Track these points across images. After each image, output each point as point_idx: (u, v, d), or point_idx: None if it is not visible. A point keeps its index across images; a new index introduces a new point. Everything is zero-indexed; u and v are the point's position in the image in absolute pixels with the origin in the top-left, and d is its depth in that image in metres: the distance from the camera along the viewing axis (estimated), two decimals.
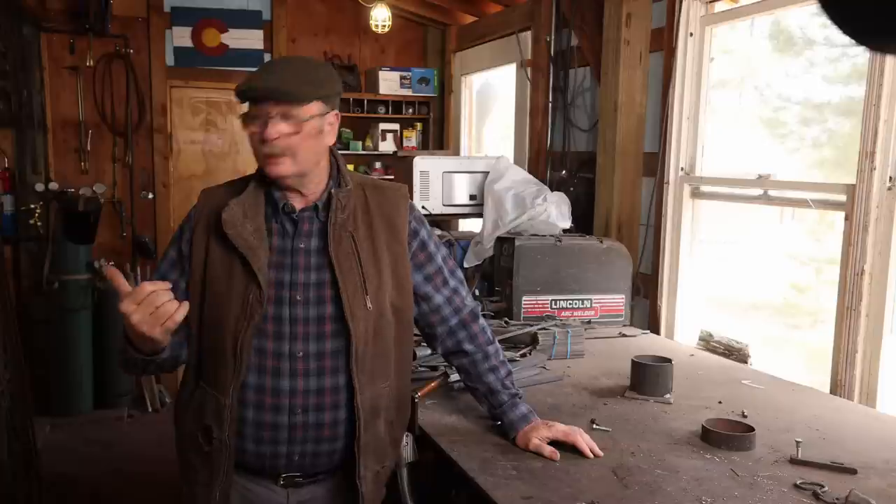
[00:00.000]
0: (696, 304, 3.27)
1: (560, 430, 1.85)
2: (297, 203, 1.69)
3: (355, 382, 1.65)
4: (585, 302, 3.19)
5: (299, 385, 1.64)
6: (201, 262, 1.67)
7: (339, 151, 6.85)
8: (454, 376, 2.33)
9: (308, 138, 1.61)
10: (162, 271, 1.73)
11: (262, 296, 1.61)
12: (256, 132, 1.61)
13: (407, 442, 1.92)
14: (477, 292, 3.37)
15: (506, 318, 3.01)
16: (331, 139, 1.69)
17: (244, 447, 1.67)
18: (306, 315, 1.64)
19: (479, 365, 1.93)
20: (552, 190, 3.60)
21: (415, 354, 2.53)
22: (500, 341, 2.66)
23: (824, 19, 0.84)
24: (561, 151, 4.11)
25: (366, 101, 6.09)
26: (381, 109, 6.14)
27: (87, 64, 5.38)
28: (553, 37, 4.16)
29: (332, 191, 1.70)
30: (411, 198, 3.64)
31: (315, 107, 1.62)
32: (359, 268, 1.67)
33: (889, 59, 2.26)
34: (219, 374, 1.64)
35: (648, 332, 3.19)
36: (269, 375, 1.64)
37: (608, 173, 3.53)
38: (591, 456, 1.81)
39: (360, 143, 6.14)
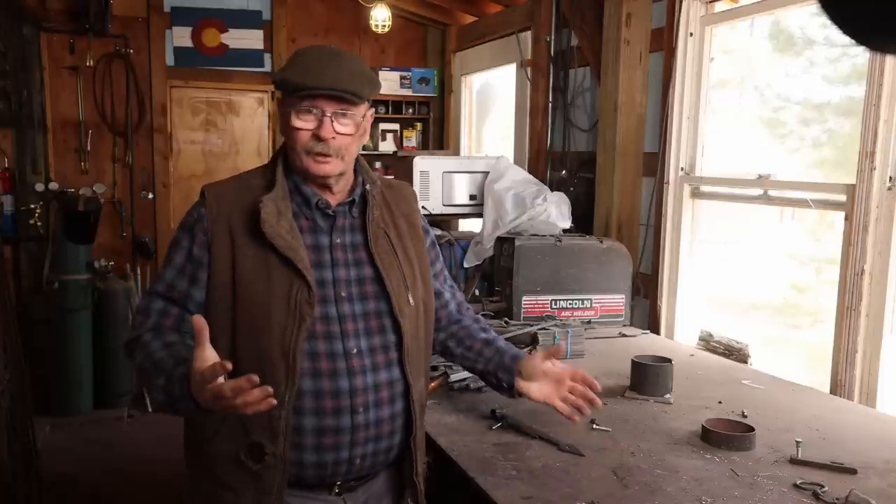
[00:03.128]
0: (696, 304, 3.26)
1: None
2: (329, 199, 1.65)
3: (409, 378, 1.64)
4: (585, 302, 3.19)
5: (358, 383, 1.57)
6: (228, 265, 1.56)
7: None
8: (454, 376, 2.33)
9: (358, 138, 1.61)
10: (168, 279, 1.61)
11: (312, 296, 1.53)
12: (308, 129, 1.56)
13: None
14: (477, 292, 3.37)
15: (506, 318, 3.01)
16: (367, 137, 1.71)
17: (303, 459, 1.56)
18: (353, 311, 1.60)
19: (472, 328, 1.93)
20: (552, 190, 3.60)
21: None
22: None
23: (824, 19, 0.84)
24: (561, 151, 4.11)
25: None
26: (381, 109, 6.14)
27: (87, 64, 5.39)
28: (553, 37, 4.17)
29: (368, 187, 1.68)
30: None
31: (365, 106, 1.62)
32: (399, 264, 1.67)
33: (889, 59, 2.26)
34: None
35: (648, 332, 3.19)
36: (327, 378, 1.55)
37: (608, 173, 3.53)
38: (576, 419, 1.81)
39: None
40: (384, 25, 5.48)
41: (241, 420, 1.51)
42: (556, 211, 3.39)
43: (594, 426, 2.02)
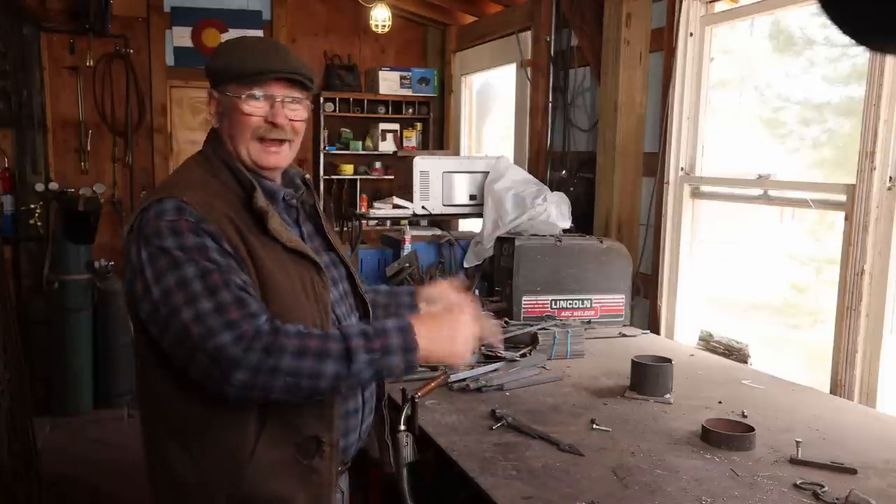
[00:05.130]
0: (696, 304, 3.26)
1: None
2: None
3: None
4: (585, 302, 3.19)
5: None
6: (249, 261, 1.45)
7: (340, 152, 6.78)
8: (454, 376, 2.33)
9: (304, 126, 1.61)
10: (238, 280, 1.39)
11: (327, 283, 1.53)
12: (259, 114, 1.51)
13: (407, 442, 1.92)
14: (477, 292, 3.37)
15: (506, 318, 3.01)
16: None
17: (339, 444, 1.55)
18: (334, 297, 1.62)
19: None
20: (552, 190, 3.60)
21: None
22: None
23: (824, 19, 0.84)
24: (561, 151, 4.11)
25: (366, 101, 6.09)
26: (381, 109, 6.14)
27: (87, 64, 5.39)
28: (553, 37, 4.16)
29: (307, 176, 1.71)
30: (410, 198, 3.66)
31: (309, 97, 1.61)
32: (341, 244, 1.73)
33: (889, 59, 2.26)
34: None
35: (648, 332, 3.19)
36: None
37: (608, 173, 3.53)
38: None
39: (360, 143, 6.14)
40: (384, 25, 5.47)
41: (288, 419, 1.45)
42: (556, 211, 3.39)
43: (594, 426, 2.02)
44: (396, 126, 6.15)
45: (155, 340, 1.42)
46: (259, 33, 5.77)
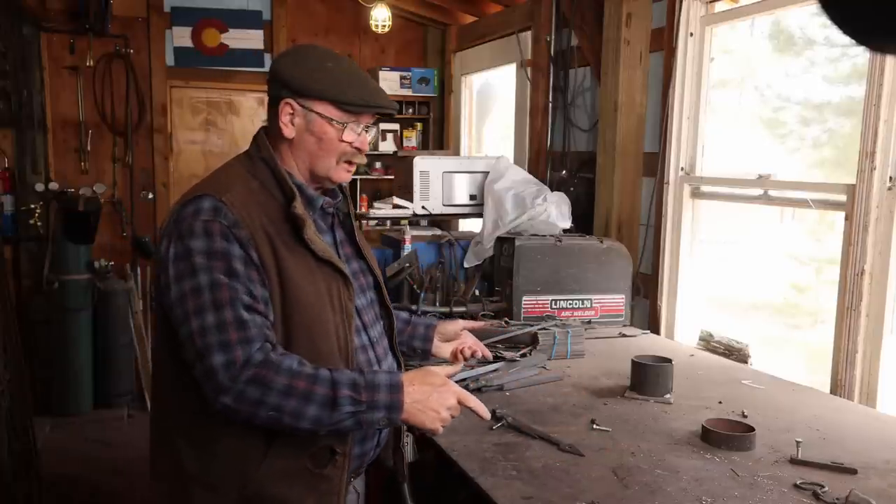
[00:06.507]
0: (696, 304, 3.26)
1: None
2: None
3: (400, 357, 1.79)
4: (585, 302, 3.19)
5: (382, 370, 1.68)
6: (273, 271, 1.48)
7: None
8: (455, 377, 2.32)
9: None
10: (246, 292, 1.43)
11: (352, 292, 1.58)
12: (355, 142, 1.59)
13: (407, 442, 1.93)
14: (477, 292, 3.36)
15: (506, 318, 3.01)
16: None
17: (352, 453, 1.57)
18: (360, 304, 1.66)
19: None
20: (552, 190, 3.60)
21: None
22: (500, 341, 2.67)
23: (824, 19, 0.84)
24: (561, 151, 4.11)
25: None
26: None
27: (87, 64, 5.39)
28: (553, 37, 4.16)
29: (343, 185, 1.74)
30: (410, 198, 3.66)
31: None
32: (372, 254, 1.78)
33: (889, 59, 2.26)
34: None
35: (648, 332, 3.19)
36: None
37: (608, 173, 3.53)
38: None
39: None
40: (384, 25, 5.47)
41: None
42: (556, 211, 3.38)
43: (594, 426, 2.02)
44: (396, 126, 6.15)
45: (175, 332, 1.46)
46: (259, 33, 5.78)
